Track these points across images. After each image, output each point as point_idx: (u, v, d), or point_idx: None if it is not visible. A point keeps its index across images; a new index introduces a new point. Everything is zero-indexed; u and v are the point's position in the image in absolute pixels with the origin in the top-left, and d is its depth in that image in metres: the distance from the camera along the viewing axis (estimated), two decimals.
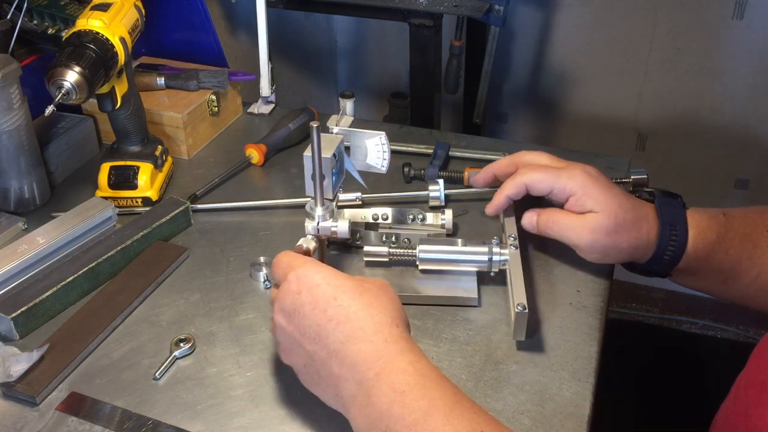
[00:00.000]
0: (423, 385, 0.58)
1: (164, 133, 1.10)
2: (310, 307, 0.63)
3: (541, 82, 1.98)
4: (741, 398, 0.68)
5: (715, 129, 1.88)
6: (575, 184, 0.80)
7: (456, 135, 1.18)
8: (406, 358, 0.60)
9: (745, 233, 0.80)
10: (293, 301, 0.64)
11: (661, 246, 0.79)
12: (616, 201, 0.78)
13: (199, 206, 0.99)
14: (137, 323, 0.82)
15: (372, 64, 2.12)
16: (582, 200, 0.79)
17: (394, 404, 0.57)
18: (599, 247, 0.79)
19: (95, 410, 0.71)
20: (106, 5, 0.91)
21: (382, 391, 0.59)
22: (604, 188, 0.79)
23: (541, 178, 0.82)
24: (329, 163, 0.75)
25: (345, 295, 0.63)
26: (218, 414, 0.71)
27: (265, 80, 1.21)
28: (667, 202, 0.81)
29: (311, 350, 0.63)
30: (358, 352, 0.61)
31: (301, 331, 0.63)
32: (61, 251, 0.90)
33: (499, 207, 0.87)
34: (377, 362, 0.60)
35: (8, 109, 0.91)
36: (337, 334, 0.62)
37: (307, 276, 0.64)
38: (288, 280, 0.65)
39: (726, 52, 1.77)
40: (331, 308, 0.62)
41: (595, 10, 1.83)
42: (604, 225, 0.78)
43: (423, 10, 1.42)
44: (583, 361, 0.76)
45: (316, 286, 0.63)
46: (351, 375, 0.61)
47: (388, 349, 0.60)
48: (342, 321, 0.62)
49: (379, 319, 0.62)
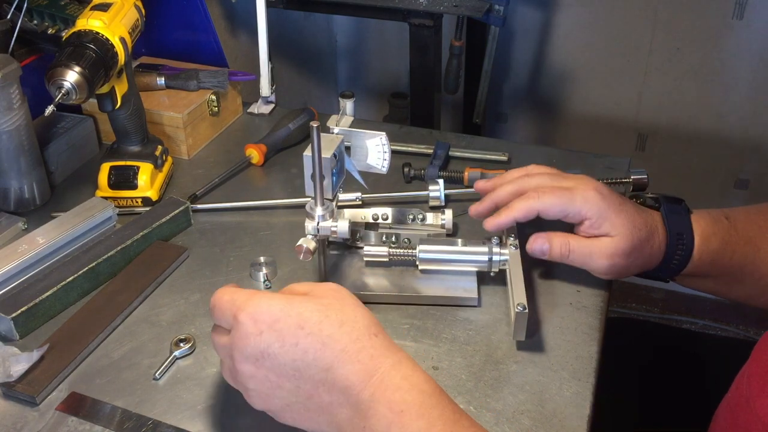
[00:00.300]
0: (421, 403, 0.56)
1: (164, 133, 1.10)
2: (279, 345, 0.58)
3: (541, 82, 1.98)
4: (743, 389, 0.68)
5: (715, 129, 1.89)
6: (590, 208, 0.76)
7: (456, 135, 1.18)
8: (400, 373, 0.57)
9: (748, 237, 0.80)
10: (256, 344, 0.58)
11: (668, 255, 0.79)
12: (630, 222, 0.76)
13: (199, 206, 0.99)
14: (137, 323, 0.82)
15: (372, 64, 2.12)
16: (597, 224, 0.77)
17: (393, 425, 0.55)
18: (615, 270, 0.78)
19: (95, 410, 0.71)
20: (106, 5, 0.91)
21: (379, 412, 0.56)
22: (617, 209, 0.77)
23: (554, 203, 0.78)
24: (329, 163, 0.75)
25: (310, 322, 0.58)
26: (218, 414, 0.71)
27: (265, 80, 1.21)
28: (672, 210, 0.80)
29: (292, 387, 0.58)
30: (347, 375, 0.57)
31: (276, 372, 0.58)
32: (61, 251, 0.90)
33: (503, 227, 0.81)
34: (370, 381, 0.57)
35: (8, 109, 0.91)
36: (319, 363, 0.57)
37: (261, 312, 0.58)
38: (240, 322, 0.59)
39: (726, 52, 1.77)
40: (302, 339, 0.57)
41: (595, 10, 1.83)
42: (621, 249, 0.76)
43: (423, 10, 1.42)
44: (583, 361, 0.76)
45: (275, 321, 0.58)
46: (345, 399, 0.57)
47: (377, 365, 0.57)
48: (319, 348, 0.57)
49: (356, 335, 0.58)
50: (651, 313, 2.18)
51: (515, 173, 0.85)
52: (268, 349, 0.58)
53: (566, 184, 0.79)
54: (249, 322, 0.58)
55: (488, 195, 0.84)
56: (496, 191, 0.83)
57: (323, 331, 0.58)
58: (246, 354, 0.59)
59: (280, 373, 0.58)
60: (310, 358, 0.57)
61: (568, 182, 0.80)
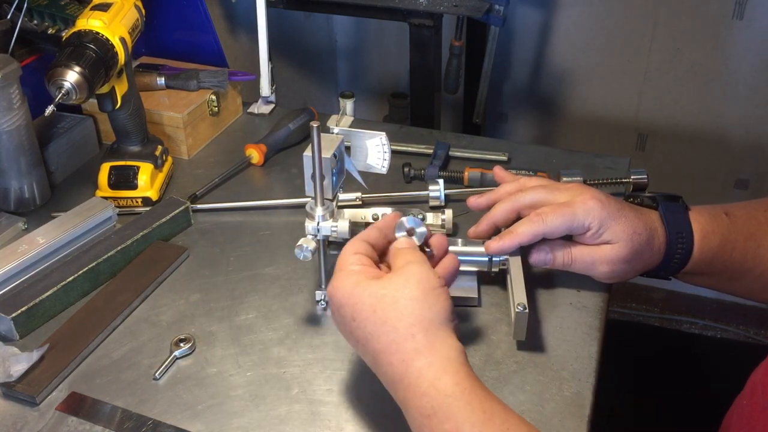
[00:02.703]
0: (448, 407, 0.57)
1: (164, 133, 1.10)
2: (341, 327, 0.66)
3: (541, 82, 1.98)
4: (758, 396, 0.67)
5: (715, 129, 1.88)
6: (593, 219, 0.76)
7: (456, 135, 1.18)
8: (426, 379, 0.59)
9: (748, 233, 0.79)
10: (334, 317, 0.67)
11: (668, 254, 0.79)
12: (630, 227, 0.76)
13: (199, 206, 0.99)
14: (137, 323, 0.82)
15: (372, 64, 2.12)
16: (599, 233, 0.77)
17: (424, 427, 0.58)
18: (617, 275, 0.79)
19: (95, 410, 0.71)
20: (106, 5, 0.91)
21: (412, 415, 0.60)
22: (617, 215, 0.76)
23: (559, 223, 0.76)
24: (329, 163, 0.75)
25: (361, 315, 0.62)
26: (218, 414, 0.71)
27: (265, 80, 1.21)
28: (671, 208, 0.80)
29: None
30: (384, 374, 0.62)
31: (348, 341, 0.67)
32: (61, 251, 0.90)
33: (507, 252, 0.80)
34: (401, 385, 0.60)
35: (8, 109, 0.91)
36: (366, 356, 0.64)
37: (334, 296, 0.65)
38: (327, 294, 0.67)
39: (726, 52, 1.77)
40: (355, 330, 0.63)
41: (595, 10, 1.83)
42: (622, 255, 0.76)
43: (423, 10, 1.42)
44: (583, 361, 0.76)
45: (341, 306, 0.64)
46: (387, 387, 0.63)
47: (407, 369, 0.60)
48: (364, 343, 0.63)
49: (393, 337, 0.60)
50: (651, 314, 2.18)
51: (508, 187, 0.84)
52: (340, 327, 0.66)
53: (563, 197, 0.78)
54: (329, 298, 0.66)
55: (485, 216, 0.83)
56: (492, 211, 0.82)
57: (367, 327, 0.62)
58: (333, 318, 0.67)
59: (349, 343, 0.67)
60: (360, 347, 0.64)
61: (565, 195, 0.79)
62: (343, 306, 0.63)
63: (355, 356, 0.77)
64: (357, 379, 0.75)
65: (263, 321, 0.82)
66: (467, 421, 0.56)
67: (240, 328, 0.81)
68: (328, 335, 0.80)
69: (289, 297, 0.85)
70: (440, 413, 0.57)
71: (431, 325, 0.61)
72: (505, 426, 0.57)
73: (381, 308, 0.61)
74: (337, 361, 0.77)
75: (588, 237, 0.77)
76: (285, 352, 0.78)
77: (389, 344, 0.60)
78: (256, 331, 0.81)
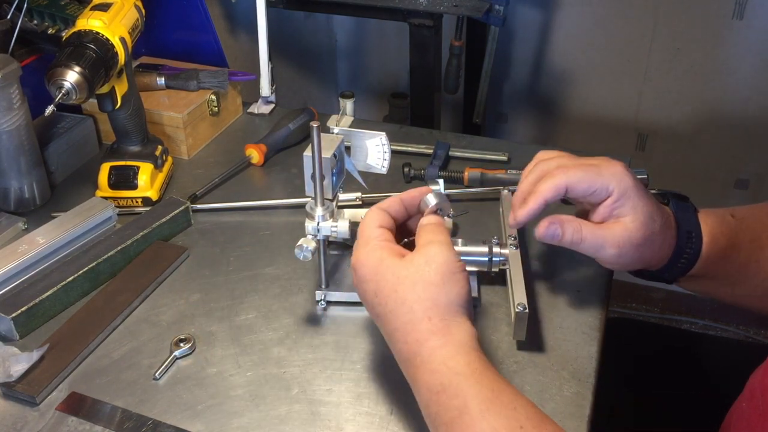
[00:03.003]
0: (457, 385, 0.59)
1: (164, 133, 1.10)
2: (363, 300, 0.67)
3: (541, 82, 1.98)
4: (757, 400, 0.67)
5: (715, 129, 1.88)
6: (618, 183, 0.71)
7: (456, 135, 1.18)
8: (438, 357, 0.60)
9: (753, 236, 0.78)
10: (357, 290, 0.68)
11: (676, 255, 0.76)
12: (649, 207, 0.72)
13: (199, 206, 0.99)
14: (137, 323, 0.82)
15: (372, 64, 2.12)
16: (620, 203, 0.71)
17: (432, 403, 0.60)
18: (623, 260, 0.74)
19: (95, 410, 0.71)
20: (106, 5, 0.91)
21: (420, 391, 0.61)
22: (641, 190, 0.72)
23: (582, 177, 0.71)
24: (329, 163, 0.75)
25: (383, 292, 0.64)
26: (218, 414, 0.71)
27: (265, 80, 1.21)
28: (681, 207, 0.77)
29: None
30: (399, 352, 0.64)
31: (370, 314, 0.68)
32: (61, 251, 0.90)
33: (536, 213, 0.73)
34: (413, 362, 0.61)
35: (8, 109, 0.91)
36: (384, 331, 0.66)
37: (359, 269, 0.66)
38: (351, 265, 0.67)
39: (726, 52, 1.77)
40: (376, 305, 0.65)
41: (595, 10, 1.83)
42: (635, 238, 0.72)
43: (423, 10, 1.42)
44: (583, 361, 0.76)
45: (365, 281, 0.65)
46: (399, 364, 0.64)
47: (420, 348, 0.61)
48: (383, 319, 0.64)
49: (410, 318, 0.62)
50: (651, 313, 2.18)
51: (530, 166, 0.78)
52: (362, 300, 0.67)
53: (590, 160, 0.74)
54: (353, 269, 0.67)
55: (515, 196, 0.78)
56: (519, 188, 0.77)
57: (387, 305, 0.63)
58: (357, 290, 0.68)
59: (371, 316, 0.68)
60: (380, 323, 0.66)
61: (592, 160, 0.74)
62: (367, 281, 0.65)
63: (355, 356, 0.77)
64: (357, 379, 0.75)
65: (263, 321, 0.82)
66: (475, 398, 0.58)
67: (240, 328, 0.81)
68: (328, 335, 0.80)
69: (289, 297, 0.85)
70: (449, 390, 0.58)
71: (448, 309, 0.62)
72: (512, 405, 0.58)
73: (402, 289, 0.63)
74: (337, 361, 0.77)
75: (606, 206, 0.72)
76: (285, 352, 0.78)
77: (406, 324, 0.62)
78: (256, 331, 0.81)
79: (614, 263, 0.75)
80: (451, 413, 0.58)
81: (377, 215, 0.70)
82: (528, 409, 0.58)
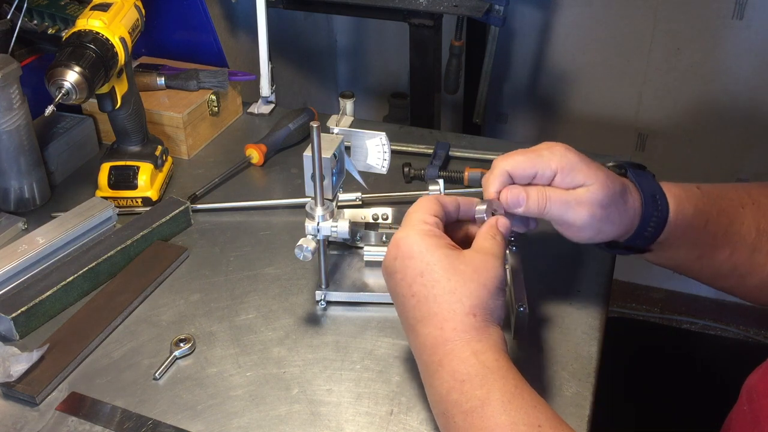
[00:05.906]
0: (484, 376, 0.59)
1: (164, 133, 1.10)
2: (400, 276, 0.65)
3: (541, 82, 1.98)
4: (755, 403, 0.67)
5: (714, 129, 1.89)
6: (559, 160, 0.71)
7: (456, 135, 1.18)
8: (471, 348, 0.61)
9: (721, 208, 0.77)
10: (389, 262, 0.66)
11: (645, 217, 0.74)
12: (603, 172, 0.72)
13: (199, 206, 0.99)
14: (137, 323, 0.82)
15: (372, 64, 2.12)
16: (571, 176, 0.71)
17: (453, 391, 0.60)
18: (596, 223, 0.72)
19: (95, 410, 0.71)
20: (106, 5, 0.91)
21: (442, 378, 0.61)
22: (589, 162, 0.72)
23: (521, 159, 0.72)
24: (329, 163, 0.75)
25: (432, 276, 0.63)
26: (218, 414, 0.71)
27: (265, 80, 1.21)
28: (640, 174, 0.77)
29: (397, 311, 0.67)
30: (427, 336, 0.63)
31: (392, 291, 0.67)
32: (61, 251, 0.90)
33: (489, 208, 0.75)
34: (442, 349, 0.61)
35: (8, 109, 0.91)
36: (415, 312, 0.64)
37: (405, 244, 0.65)
38: (394, 238, 0.66)
39: (726, 52, 1.77)
40: (416, 285, 0.64)
41: (595, 10, 1.83)
42: (599, 198, 0.70)
43: (423, 10, 1.42)
44: (583, 361, 0.76)
45: (409, 258, 0.64)
46: (419, 354, 0.64)
47: (454, 337, 0.61)
48: (421, 300, 0.63)
49: (455, 308, 0.62)
50: (651, 313, 2.18)
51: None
52: (394, 275, 0.66)
53: (532, 147, 0.74)
54: (395, 244, 0.66)
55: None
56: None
57: (434, 288, 0.63)
58: (386, 262, 0.67)
59: (394, 294, 0.67)
60: (412, 303, 0.64)
61: (534, 147, 0.74)
62: (414, 259, 0.64)
63: (355, 356, 0.77)
64: (357, 379, 0.75)
65: (263, 321, 0.82)
66: (499, 390, 0.59)
67: (240, 328, 0.81)
68: (328, 335, 0.80)
69: (289, 297, 0.85)
70: (475, 380, 0.59)
71: (492, 315, 0.64)
72: (533, 404, 0.59)
73: (455, 279, 0.63)
74: (337, 361, 0.77)
75: (558, 181, 0.72)
76: (285, 352, 0.78)
77: (449, 311, 0.62)
78: (256, 331, 0.81)
79: (589, 227, 0.72)
80: (473, 402, 0.58)
81: (432, 203, 0.69)
82: (547, 410, 0.60)
